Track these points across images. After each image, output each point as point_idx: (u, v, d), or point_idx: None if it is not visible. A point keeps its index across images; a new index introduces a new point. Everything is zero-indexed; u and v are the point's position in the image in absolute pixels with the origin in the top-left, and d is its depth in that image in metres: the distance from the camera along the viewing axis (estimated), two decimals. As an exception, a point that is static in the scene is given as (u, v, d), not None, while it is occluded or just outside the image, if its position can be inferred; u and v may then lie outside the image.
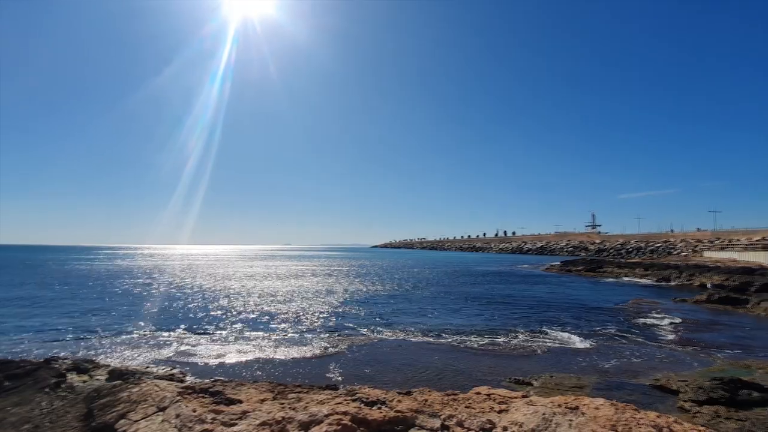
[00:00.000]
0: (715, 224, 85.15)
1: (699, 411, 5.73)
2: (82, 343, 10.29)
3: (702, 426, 3.16)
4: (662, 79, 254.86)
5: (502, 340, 11.02)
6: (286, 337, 11.23)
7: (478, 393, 3.44)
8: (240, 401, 4.02)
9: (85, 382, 5.71)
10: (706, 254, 42.12)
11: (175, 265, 48.14)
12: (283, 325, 12.79)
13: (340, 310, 16.17)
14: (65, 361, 6.70)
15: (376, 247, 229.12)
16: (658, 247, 67.78)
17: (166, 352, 9.52)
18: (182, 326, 12.52)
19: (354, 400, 3.30)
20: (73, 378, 5.81)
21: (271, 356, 9.26)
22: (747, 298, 16.74)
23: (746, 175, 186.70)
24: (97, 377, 6.17)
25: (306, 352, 9.69)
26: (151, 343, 10.45)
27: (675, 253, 56.89)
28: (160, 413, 3.90)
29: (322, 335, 11.45)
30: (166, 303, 17.43)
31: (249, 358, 9.08)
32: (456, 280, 30.42)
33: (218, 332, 11.74)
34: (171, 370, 8.03)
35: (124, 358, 8.95)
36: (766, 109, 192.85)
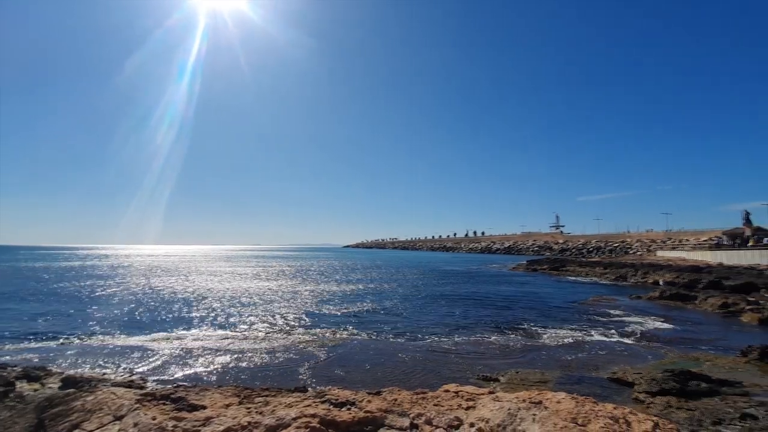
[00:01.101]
0: (667, 225, 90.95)
1: (652, 402, 6.08)
2: (33, 350, 9.61)
3: (655, 416, 3.34)
4: (620, 87, 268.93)
5: (471, 338, 11.24)
6: (253, 339, 10.96)
7: (447, 391, 3.49)
8: (204, 407, 3.88)
9: (36, 390, 5.35)
10: (659, 253, 44.83)
11: (135, 266, 45.90)
12: (250, 327, 12.48)
13: (310, 310, 15.97)
14: (14, 368, 6.26)
15: (347, 247, 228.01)
16: (616, 246, 71.49)
17: (125, 358, 9.05)
18: (142, 330, 11.96)
19: (323, 402, 3.26)
20: (23, 386, 5.43)
21: (238, 359, 9.01)
22: (695, 294, 17.94)
23: (696, 179, 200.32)
24: (50, 385, 5.79)
25: (275, 354, 9.50)
26: (108, 348, 9.90)
27: (631, 252, 60.17)
28: (117, 422, 3.70)
29: (291, 336, 11.26)
30: (125, 305, 16.59)
31: (215, 362, 8.79)
32: (427, 280, 30.79)
33: (181, 335, 11.30)
34: (130, 376, 7.66)
35: (79, 365, 8.44)
36: (715, 116, 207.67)
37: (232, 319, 13.77)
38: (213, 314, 14.77)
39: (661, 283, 23.71)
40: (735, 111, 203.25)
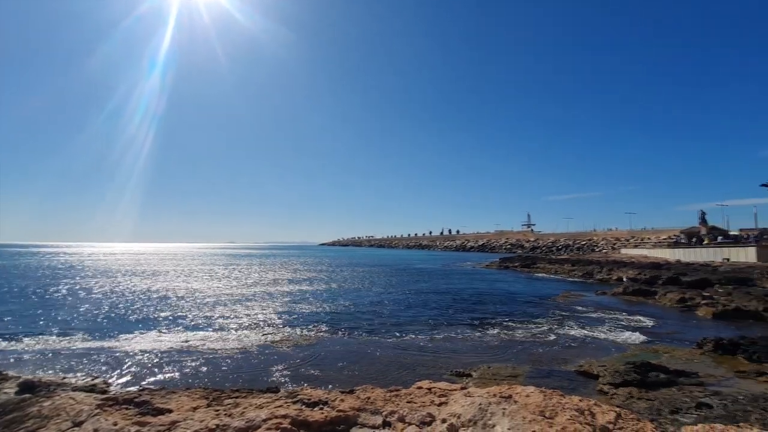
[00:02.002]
0: (631, 224, 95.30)
1: (615, 393, 6.35)
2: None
3: (617, 407, 3.48)
4: (587, 91, 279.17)
5: (445, 334, 11.39)
6: (224, 339, 10.68)
7: (420, 387, 3.51)
8: (169, 410, 3.73)
9: (-10, 396, 5.00)
10: (623, 251, 46.91)
11: (100, 264, 43.78)
12: (220, 328, 12.16)
13: (283, 309, 15.73)
14: (-33, 373, 5.84)
15: (324, 245, 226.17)
16: (584, 244, 74.29)
17: (88, 361, 8.63)
18: (106, 332, 11.43)
19: (295, 402, 3.21)
20: (-25, 392, 5.06)
21: (207, 361, 8.75)
22: (656, 290, 18.88)
23: (657, 181, 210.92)
24: (5, 390, 5.42)
25: (247, 354, 9.29)
26: (70, 351, 9.40)
27: (598, 250, 62.65)
28: (76, 429, 3.51)
29: (264, 336, 11.05)
30: (88, 307, 15.80)
31: (183, 364, 8.51)
32: (402, 278, 30.97)
33: (147, 337, 10.88)
34: (92, 380, 7.29)
35: (39, 369, 7.97)
36: (676, 120, 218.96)
37: (201, 320, 13.37)
38: (181, 315, 14.29)
39: (624, 279, 24.81)
40: (693, 116, 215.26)
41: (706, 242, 36.54)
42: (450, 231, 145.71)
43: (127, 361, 8.72)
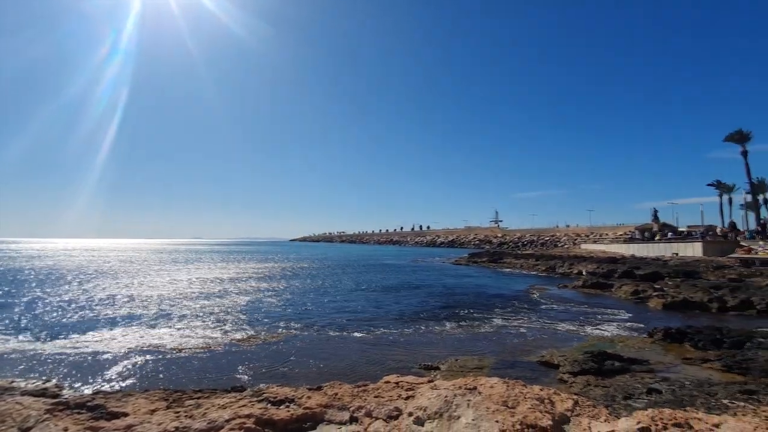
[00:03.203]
0: (591, 221, 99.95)
1: (574, 381, 6.66)
2: None
3: (575, 394, 3.64)
4: (551, 93, 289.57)
5: (414, 328, 11.53)
6: (186, 339, 10.31)
7: (387, 382, 3.52)
8: (125, 414, 3.55)
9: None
10: (583, 246, 49.18)
11: (55, 262, 40.99)
12: (183, 326, 11.73)
13: (250, 306, 15.37)
14: None
15: (294, 240, 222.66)
16: (547, 240, 77.29)
17: (39, 364, 8.09)
18: (59, 333, 10.73)
19: (260, 401, 3.13)
20: None
21: (169, 361, 8.42)
22: (612, 283, 19.95)
23: (615, 180, 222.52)
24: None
25: (211, 353, 9.02)
26: (19, 353, 8.77)
27: (560, 245, 65.34)
28: (20, 437, 3.27)
29: (229, 335, 10.76)
30: (42, 305, 14.77)
31: (142, 366, 8.14)
32: (373, 273, 31.03)
33: (104, 337, 10.31)
34: (44, 383, 6.82)
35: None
36: (633, 123, 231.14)
37: (162, 319, 12.83)
38: (140, 314, 13.65)
39: (584, 273, 26.04)
40: (648, 121, 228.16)
41: (657, 238, 38.94)
42: (421, 227, 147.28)
43: (82, 363, 8.24)
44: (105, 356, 8.72)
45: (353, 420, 2.90)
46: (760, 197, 39.00)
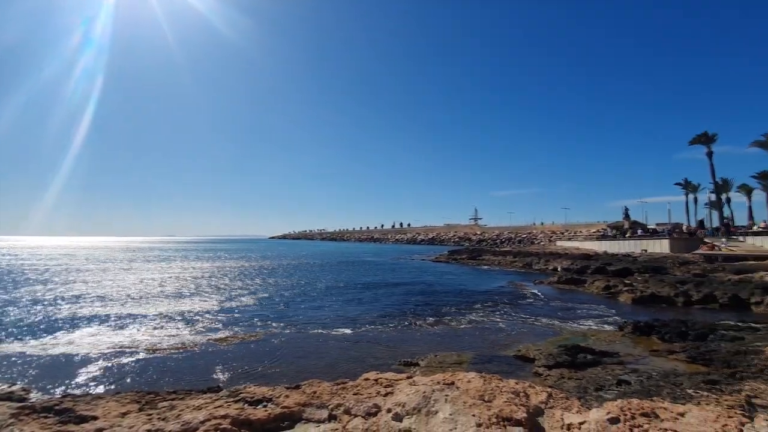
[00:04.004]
0: (566, 218, 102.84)
1: (549, 374, 6.85)
2: None
3: (550, 387, 3.74)
4: (526, 96, 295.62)
5: (395, 326, 11.58)
6: (161, 339, 10.03)
7: (367, 379, 3.53)
8: (95, 417, 3.43)
9: None
10: (559, 243, 50.56)
11: (22, 262, 38.98)
12: (157, 326, 11.40)
13: (227, 305, 15.08)
14: None
15: (273, 238, 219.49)
16: (525, 237, 79.01)
17: (6, 367, 7.72)
18: (29, 333, 10.24)
19: (237, 401, 3.08)
20: None
21: (142, 363, 8.17)
22: (585, 278, 20.58)
23: (589, 179, 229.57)
24: None
25: (188, 354, 8.80)
26: (-29, 359, 8.30)
27: (537, 242, 66.92)
28: (-19, 444, 3.11)
29: (205, 334, 10.53)
30: (8, 306, 14.04)
31: (114, 367, 7.87)
32: (353, 271, 30.97)
33: (73, 339, 9.91)
34: (9, 387, 6.50)
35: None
36: (604, 125, 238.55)
37: (134, 319, 12.43)
38: (113, 314, 13.17)
39: (559, 269, 26.76)
40: (620, 122, 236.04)
41: (628, 235, 40.42)
42: (401, 224, 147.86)
43: (50, 365, 7.90)
44: (75, 358, 8.38)
45: (332, 418, 2.89)
46: (723, 196, 41.04)
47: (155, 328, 11.16)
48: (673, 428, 2.46)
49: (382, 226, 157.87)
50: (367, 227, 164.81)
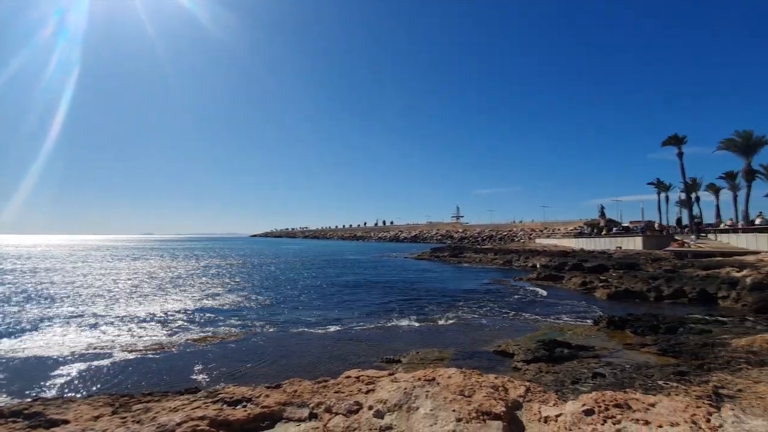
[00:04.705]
0: (545, 216, 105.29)
1: (528, 368, 6.99)
2: None
3: (528, 381, 3.82)
4: (504, 96, 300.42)
5: (377, 323, 11.60)
6: (137, 339, 9.75)
7: (348, 377, 3.52)
8: (66, 422, 3.31)
9: None
10: (538, 241, 51.67)
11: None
12: (133, 327, 11.08)
13: (206, 304, 14.79)
14: None
15: (255, 236, 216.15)
16: (505, 235, 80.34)
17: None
18: (-15, 338, 9.77)
19: (215, 402, 3.02)
20: None
21: (117, 364, 7.92)
22: (563, 275, 21.12)
23: (566, 178, 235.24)
24: None
25: (165, 354, 8.58)
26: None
27: (517, 240, 68.15)
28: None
29: (183, 334, 10.30)
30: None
31: (88, 369, 7.61)
32: (335, 269, 30.84)
33: (47, 339, 9.53)
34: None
35: None
36: (581, 126, 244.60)
37: (109, 319, 12.04)
38: (86, 314, 12.72)
39: (538, 266, 27.35)
40: (595, 123, 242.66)
41: (604, 233, 41.64)
42: (384, 222, 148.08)
43: (20, 368, 7.59)
44: (47, 361, 8.07)
45: (313, 416, 2.88)
46: (693, 195, 42.75)
47: (130, 329, 10.84)
48: (644, 418, 2.55)
49: (365, 224, 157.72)
50: (350, 225, 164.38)
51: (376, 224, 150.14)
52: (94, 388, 6.66)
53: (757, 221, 28.42)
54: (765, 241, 22.25)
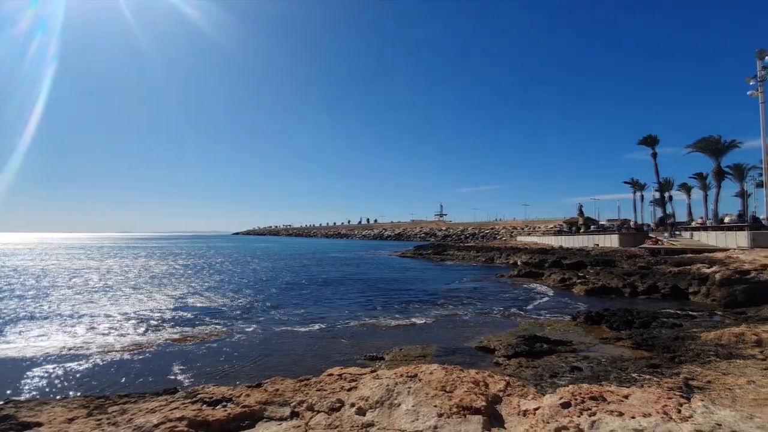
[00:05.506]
0: (526, 215, 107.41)
1: (508, 363, 7.13)
2: None
3: (508, 376, 3.89)
4: (486, 94, 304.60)
5: (361, 321, 11.60)
6: (115, 340, 9.48)
7: (331, 374, 3.52)
8: (39, 424, 3.20)
9: None
10: (519, 238, 52.59)
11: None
12: (111, 327, 10.76)
13: (185, 304, 14.49)
14: None
15: (237, 234, 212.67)
16: (488, 233, 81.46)
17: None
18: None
19: (194, 402, 2.97)
20: None
21: (95, 365, 7.69)
22: (543, 272, 21.57)
23: (546, 177, 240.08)
24: None
25: (143, 355, 8.37)
26: None
27: (499, 237, 69.19)
28: None
29: (163, 333, 10.07)
30: None
31: (64, 370, 7.36)
32: (318, 267, 30.66)
33: (21, 340, 9.17)
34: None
35: None
36: (559, 126, 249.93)
37: (85, 320, 11.66)
38: (61, 314, 12.28)
39: (519, 263, 27.85)
40: (577, 124, 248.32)
41: (582, 231, 42.71)
42: (368, 220, 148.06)
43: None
44: (20, 362, 7.77)
45: (294, 415, 2.86)
46: (666, 194, 44.29)
47: (107, 329, 10.53)
48: (618, 410, 2.63)
49: (349, 221, 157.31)
50: (334, 223, 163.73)
51: (360, 222, 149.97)
52: (70, 390, 6.45)
53: (726, 219, 29.66)
54: (733, 239, 23.25)
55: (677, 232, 32.08)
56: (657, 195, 44.17)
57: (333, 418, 2.73)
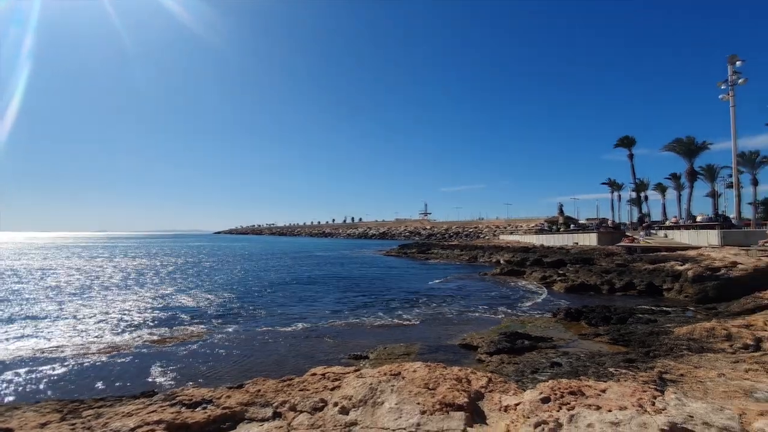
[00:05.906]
0: (508, 214, 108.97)
1: (491, 360, 7.23)
2: None
3: (490, 372, 3.95)
4: (468, 97, 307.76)
5: (344, 320, 11.56)
6: (90, 342, 9.18)
7: (314, 374, 3.49)
8: (9, 430, 3.08)
9: None
10: (502, 237, 53.33)
11: None
12: (86, 329, 10.43)
13: (163, 304, 14.16)
14: None
15: (219, 233, 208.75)
16: (471, 231, 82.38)
17: None
18: None
19: (173, 405, 2.90)
20: None
21: (69, 368, 7.44)
22: (525, 270, 21.95)
23: (528, 177, 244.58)
24: None
25: (121, 357, 8.14)
26: None
27: (482, 236, 70.03)
28: None
29: (140, 335, 9.81)
30: None
31: (36, 374, 7.10)
32: (302, 266, 30.41)
33: (-21, 347, 8.77)
34: None
35: None
36: (541, 127, 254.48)
37: (58, 321, 11.26)
38: (35, 315, 11.82)
39: (502, 261, 28.24)
40: (557, 125, 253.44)
41: (562, 230, 43.63)
42: (353, 219, 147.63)
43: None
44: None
45: (276, 415, 2.83)
46: (642, 194, 45.71)
47: (83, 331, 10.19)
48: (596, 404, 2.70)
49: (334, 220, 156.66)
50: (318, 222, 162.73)
51: (344, 221, 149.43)
52: (43, 394, 6.22)
53: (699, 218, 30.80)
54: (705, 237, 24.16)
55: (653, 231, 33.10)
56: (634, 195, 45.54)
57: (316, 417, 2.71)
